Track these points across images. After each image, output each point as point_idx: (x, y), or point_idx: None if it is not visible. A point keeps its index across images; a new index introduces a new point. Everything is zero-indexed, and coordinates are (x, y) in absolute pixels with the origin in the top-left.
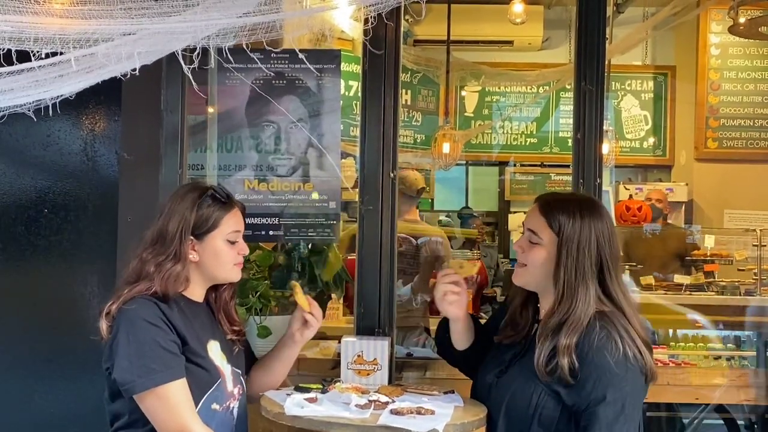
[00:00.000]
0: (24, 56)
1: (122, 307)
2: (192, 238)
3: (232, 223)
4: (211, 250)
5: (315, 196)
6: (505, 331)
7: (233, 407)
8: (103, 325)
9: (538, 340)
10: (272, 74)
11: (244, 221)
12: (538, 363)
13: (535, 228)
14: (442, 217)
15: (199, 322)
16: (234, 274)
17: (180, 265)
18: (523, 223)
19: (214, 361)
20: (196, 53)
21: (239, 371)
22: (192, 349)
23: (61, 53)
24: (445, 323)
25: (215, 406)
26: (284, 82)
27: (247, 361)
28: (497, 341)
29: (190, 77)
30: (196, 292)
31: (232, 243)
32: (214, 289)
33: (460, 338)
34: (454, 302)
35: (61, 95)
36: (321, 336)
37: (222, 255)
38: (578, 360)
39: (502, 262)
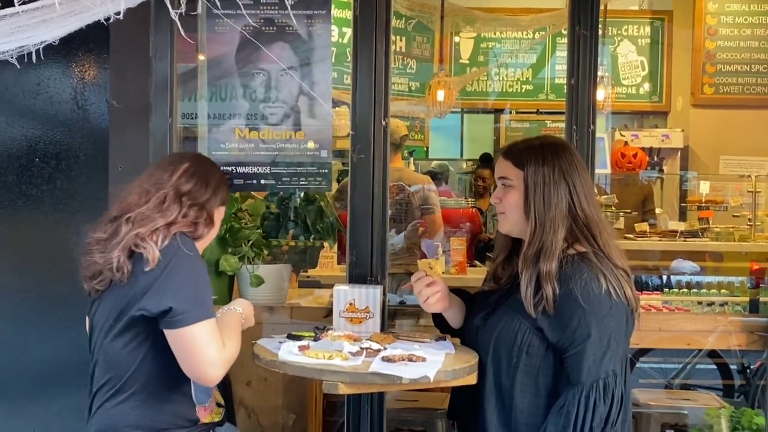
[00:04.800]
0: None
1: (177, 242)
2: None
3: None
4: (216, 222)
5: (307, 145)
6: (488, 283)
7: None
8: (155, 252)
9: (521, 272)
10: (261, 21)
11: None
12: (526, 295)
13: (504, 173)
14: (435, 164)
15: None
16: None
17: (208, 230)
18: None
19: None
20: None
21: None
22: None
23: None
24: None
25: None
26: (274, 28)
27: None
28: (479, 290)
29: (178, 23)
30: None
31: None
32: None
33: (453, 321)
34: (435, 302)
35: (45, 41)
36: (315, 284)
37: (215, 232)
38: (563, 296)
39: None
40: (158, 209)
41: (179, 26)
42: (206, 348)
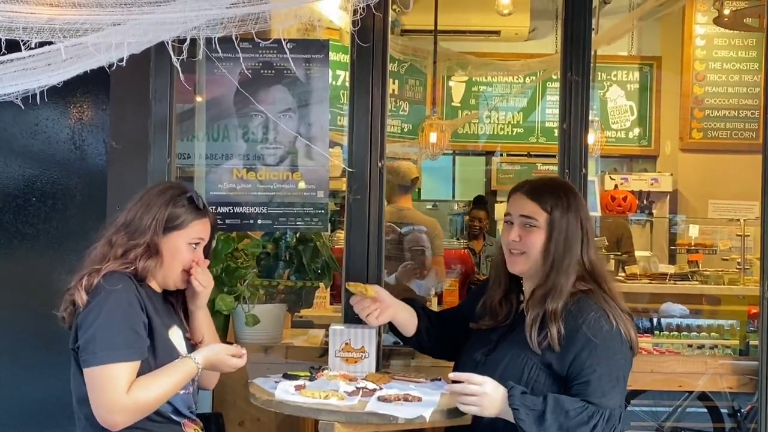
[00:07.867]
0: (14, 45)
1: (101, 282)
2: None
3: (198, 230)
4: (171, 248)
5: (303, 185)
6: (484, 320)
7: (192, 391)
8: (83, 296)
9: (527, 312)
10: (260, 64)
11: (213, 235)
12: (531, 333)
13: (529, 213)
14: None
15: (161, 308)
16: (179, 281)
17: (153, 261)
18: (507, 213)
19: (176, 347)
20: (185, 44)
21: None
22: (157, 331)
23: (51, 43)
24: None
25: (181, 390)
26: (272, 71)
27: None
28: (475, 328)
29: (179, 68)
30: (154, 283)
31: (193, 249)
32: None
33: (404, 329)
34: (377, 316)
35: (50, 84)
36: (308, 324)
37: (179, 255)
38: (571, 332)
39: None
40: (90, 256)
41: (179, 71)
42: (102, 391)
